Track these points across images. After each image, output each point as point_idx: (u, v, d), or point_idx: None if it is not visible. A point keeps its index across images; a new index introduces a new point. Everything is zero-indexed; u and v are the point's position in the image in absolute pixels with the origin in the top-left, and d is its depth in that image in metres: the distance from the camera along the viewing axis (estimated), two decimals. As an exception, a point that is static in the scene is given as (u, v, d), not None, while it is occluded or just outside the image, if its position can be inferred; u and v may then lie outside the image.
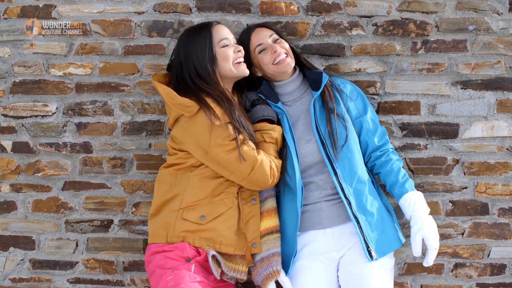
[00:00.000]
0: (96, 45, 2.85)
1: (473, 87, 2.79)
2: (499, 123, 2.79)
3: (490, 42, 2.77)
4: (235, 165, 2.41)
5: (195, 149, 2.46)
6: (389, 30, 2.78)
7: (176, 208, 2.46)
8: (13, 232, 2.92)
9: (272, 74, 2.60)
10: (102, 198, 2.88)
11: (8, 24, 2.86)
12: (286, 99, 2.64)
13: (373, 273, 2.43)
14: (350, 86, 2.66)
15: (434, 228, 2.47)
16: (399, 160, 2.62)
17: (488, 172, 2.81)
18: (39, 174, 2.89)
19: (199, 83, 2.47)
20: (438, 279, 2.86)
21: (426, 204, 2.52)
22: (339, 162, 2.49)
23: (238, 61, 2.53)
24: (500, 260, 2.84)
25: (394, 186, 2.56)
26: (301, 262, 2.52)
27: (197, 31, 2.53)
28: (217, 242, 2.44)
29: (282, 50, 2.57)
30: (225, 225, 2.45)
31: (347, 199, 2.47)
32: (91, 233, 2.90)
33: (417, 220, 2.47)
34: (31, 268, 2.93)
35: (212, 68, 2.48)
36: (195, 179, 2.48)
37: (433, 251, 2.45)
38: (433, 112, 2.80)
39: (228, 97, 2.46)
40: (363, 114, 2.62)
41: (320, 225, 2.52)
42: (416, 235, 2.45)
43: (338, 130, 2.52)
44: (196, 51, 2.49)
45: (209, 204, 2.46)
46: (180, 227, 2.44)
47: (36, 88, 2.87)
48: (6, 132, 2.89)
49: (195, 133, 2.43)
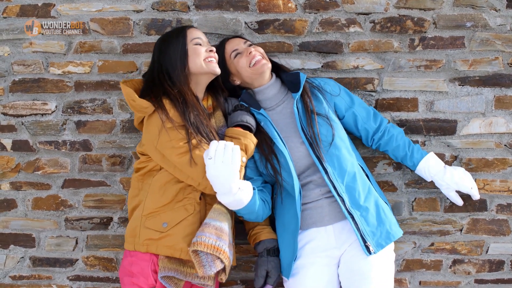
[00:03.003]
0: (95, 44, 2.86)
1: (471, 83, 2.79)
2: (497, 120, 2.79)
3: (488, 38, 2.77)
4: (188, 168, 2.36)
5: (153, 152, 2.44)
6: (386, 27, 2.79)
7: (139, 215, 2.46)
8: (13, 230, 2.94)
9: (250, 77, 2.59)
10: (101, 195, 2.90)
11: (8, 23, 2.88)
12: (268, 105, 2.62)
13: (372, 268, 2.43)
14: (331, 82, 2.68)
15: (459, 176, 2.64)
16: (400, 132, 2.68)
17: (486, 169, 2.81)
18: (38, 172, 2.91)
19: (163, 81, 2.44)
20: (436, 275, 2.86)
21: (438, 161, 2.66)
22: (328, 161, 2.49)
23: (210, 59, 2.50)
24: (498, 256, 2.85)
25: (404, 160, 2.68)
26: (303, 260, 2.52)
27: (172, 34, 2.53)
28: (177, 250, 2.39)
29: (257, 53, 2.57)
30: (185, 232, 2.41)
31: (340, 197, 2.47)
32: (91, 230, 2.92)
33: (439, 183, 2.66)
34: (31, 265, 2.95)
35: (183, 63, 2.46)
36: (156, 185, 2.45)
37: (471, 190, 2.66)
38: (431, 108, 2.81)
39: (187, 99, 2.42)
40: (352, 105, 2.65)
41: (322, 223, 2.52)
42: (449, 194, 2.68)
43: (322, 130, 2.52)
44: (169, 51, 2.48)
45: (171, 210, 2.42)
46: (144, 235, 2.43)
47: (35, 86, 2.89)
48: (6, 131, 2.91)
49: (150, 134, 2.42)
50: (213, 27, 2.82)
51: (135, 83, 2.56)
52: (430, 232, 2.84)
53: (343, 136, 2.57)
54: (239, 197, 2.31)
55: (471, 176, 2.68)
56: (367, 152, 2.84)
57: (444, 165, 2.66)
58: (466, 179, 2.66)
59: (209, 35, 2.81)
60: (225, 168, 2.22)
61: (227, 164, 2.22)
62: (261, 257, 2.58)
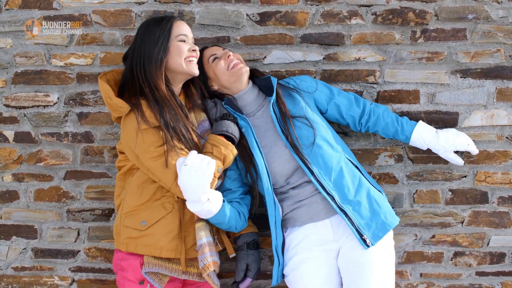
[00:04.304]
0: (97, 36, 2.86)
1: (473, 75, 2.79)
2: (499, 112, 2.79)
3: (490, 30, 2.77)
4: (161, 172, 2.35)
5: (129, 152, 2.44)
6: (388, 19, 2.79)
7: (120, 214, 2.48)
8: (16, 221, 2.95)
9: (228, 81, 2.59)
10: (103, 187, 2.90)
11: (10, 15, 2.88)
12: (249, 110, 2.62)
13: (371, 260, 2.43)
14: (307, 79, 2.67)
15: (452, 136, 2.65)
16: (385, 109, 2.68)
17: (487, 161, 2.81)
18: (41, 163, 2.92)
19: (139, 74, 2.41)
20: (437, 267, 2.86)
21: (429, 128, 2.66)
22: (312, 162, 2.49)
23: (191, 59, 2.49)
24: (499, 248, 2.85)
25: (396, 135, 2.68)
26: (301, 255, 2.52)
27: (158, 22, 2.49)
28: (157, 248, 2.40)
29: (235, 57, 2.60)
30: (164, 230, 2.41)
31: (330, 195, 2.46)
32: (93, 222, 2.93)
33: (436, 148, 2.66)
34: (33, 257, 2.96)
35: (162, 57, 2.43)
36: (134, 183, 2.46)
37: (468, 147, 2.67)
38: (433, 101, 2.80)
39: (160, 96, 2.40)
40: (332, 96, 2.65)
41: (318, 217, 2.52)
42: (447, 156, 2.69)
43: (302, 132, 2.51)
44: (151, 40, 2.45)
45: (150, 209, 2.42)
46: (124, 234, 2.44)
47: (37, 78, 2.90)
48: (8, 122, 2.92)
49: (127, 134, 2.41)
50: (215, 19, 2.82)
51: (115, 74, 2.56)
52: (431, 224, 2.84)
53: (326, 133, 2.56)
54: (207, 208, 2.34)
55: (465, 134, 2.68)
56: (368, 145, 2.84)
57: (435, 130, 2.67)
58: (461, 137, 2.66)
59: (211, 27, 2.82)
60: (197, 178, 2.27)
61: (200, 175, 2.27)
62: (241, 250, 2.61)
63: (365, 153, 2.83)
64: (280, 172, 2.53)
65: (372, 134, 2.83)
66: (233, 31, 2.82)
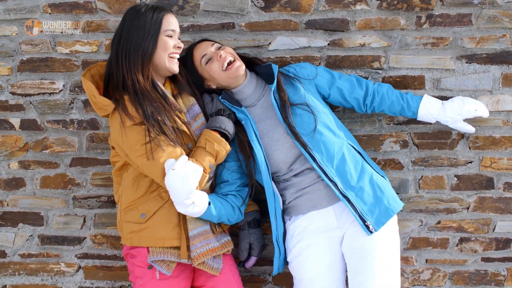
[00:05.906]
0: (102, 23, 2.87)
1: (478, 61, 2.78)
2: (504, 97, 2.78)
3: (495, 15, 2.76)
4: (149, 169, 2.36)
5: (119, 149, 2.46)
6: (393, 4, 2.78)
7: (120, 210, 2.51)
8: (22, 209, 2.96)
9: (225, 81, 2.57)
10: (109, 174, 2.91)
11: (15, 2, 2.89)
12: (249, 102, 2.61)
13: (375, 245, 2.43)
14: (307, 66, 2.66)
15: (458, 105, 2.63)
16: (389, 88, 2.66)
17: (493, 147, 2.80)
18: (46, 151, 2.93)
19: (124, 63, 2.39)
20: (443, 253, 2.86)
21: (434, 101, 2.64)
22: (314, 148, 2.48)
23: (173, 56, 2.47)
24: (505, 234, 2.84)
25: (403, 112, 2.67)
26: (305, 242, 2.53)
27: (149, 11, 2.44)
28: (159, 239, 2.42)
29: (227, 54, 2.55)
30: (164, 220, 2.43)
31: (332, 181, 2.46)
32: (98, 209, 2.94)
33: (444, 119, 2.65)
34: (40, 244, 2.97)
35: (151, 51, 2.40)
36: (129, 178, 2.47)
37: (477, 112, 2.64)
38: (438, 86, 2.80)
39: (143, 88, 2.38)
40: (334, 80, 2.64)
41: (321, 204, 2.52)
42: (457, 126, 2.67)
43: (303, 119, 2.51)
44: (139, 30, 2.41)
45: (148, 201, 2.44)
46: (126, 229, 2.48)
47: (43, 66, 2.90)
48: (14, 110, 2.93)
49: (115, 131, 2.41)
50: (220, 6, 2.82)
51: (99, 67, 2.55)
52: (436, 210, 2.84)
53: (327, 120, 2.55)
54: (191, 211, 2.37)
55: (471, 99, 2.67)
56: (373, 130, 2.83)
57: (441, 102, 2.66)
58: (467, 104, 2.64)
59: (215, 13, 2.82)
60: (182, 184, 2.29)
61: (185, 181, 2.29)
62: (243, 230, 2.63)
63: (370, 139, 2.83)
64: (283, 160, 2.53)
65: (377, 120, 2.83)
66: (237, 17, 2.82)
